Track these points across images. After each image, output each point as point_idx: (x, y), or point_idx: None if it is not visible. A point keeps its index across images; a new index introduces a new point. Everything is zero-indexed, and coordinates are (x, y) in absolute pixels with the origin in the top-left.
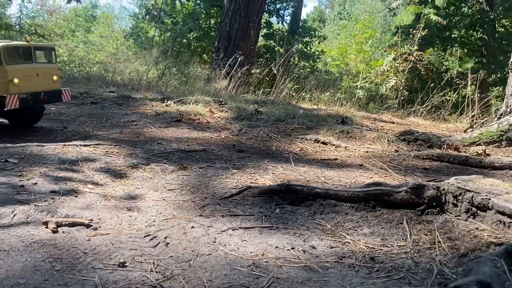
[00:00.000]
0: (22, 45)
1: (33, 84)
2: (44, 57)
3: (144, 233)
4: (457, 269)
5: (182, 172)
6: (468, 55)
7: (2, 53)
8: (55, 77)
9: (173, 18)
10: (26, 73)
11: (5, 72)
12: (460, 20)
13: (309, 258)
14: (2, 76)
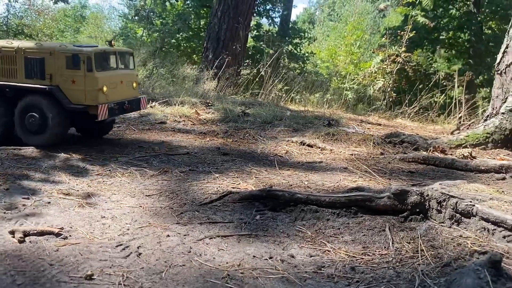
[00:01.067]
0: (109, 50)
1: (118, 93)
2: (125, 62)
3: (116, 243)
4: (440, 279)
5: (162, 177)
6: (456, 57)
7: (93, 58)
8: (134, 84)
9: (163, 18)
10: (113, 80)
11: (95, 80)
12: (447, 22)
13: (287, 269)
14: (92, 84)
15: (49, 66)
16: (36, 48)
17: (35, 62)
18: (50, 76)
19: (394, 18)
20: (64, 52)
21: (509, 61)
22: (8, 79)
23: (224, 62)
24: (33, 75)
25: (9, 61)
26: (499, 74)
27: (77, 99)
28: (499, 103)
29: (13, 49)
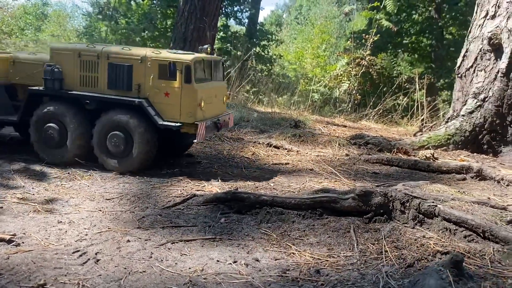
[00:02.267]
0: (206, 58)
1: (212, 108)
2: (217, 73)
3: (73, 249)
4: (403, 280)
5: (123, 180)
6: (418, 61)
7: (193, 68)
8: (225, 98)
9: (128, 18)
10: (209, 94)
11: (194, 93)
12: (410, 26)
13: (251, 273)
14: (190, 98)
15: (137, 75)
16: (123, 54)
17: (121, 70)
18: (138, 87)
19: (359, 22)
20: (157, 59)
21: (469, 65)
22: (87, 89)
23: None
24: (117, 85)
25: (90, 68)
26: (460, 78)
27: (170, 115)
28: (460, 105)
29: (96, 53)
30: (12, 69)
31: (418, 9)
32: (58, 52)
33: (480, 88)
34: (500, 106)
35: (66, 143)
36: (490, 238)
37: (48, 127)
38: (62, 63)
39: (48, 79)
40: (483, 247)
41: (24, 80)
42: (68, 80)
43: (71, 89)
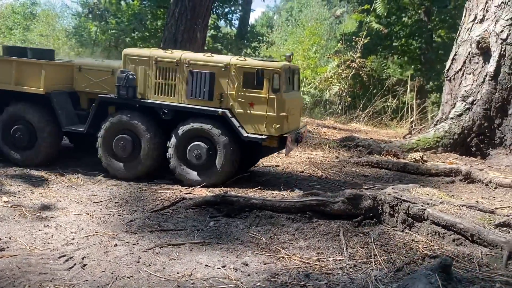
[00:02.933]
0: (292, 66)
1: (294, 121)
2: (296, 82)
3: (59, 253)
4: (392, 284)
5: (111, 183)
6: (407, 63)
7: (282, 76)
8: (301, 110)
9: (118, 18)
10: (293, 104)
11: (282, 104)
12: (400, 29)
13: (240, 277)
14: (278, 109)
15: (220, 84)
16: (205, 61)
17: (201, 78)
18: (220, 96)
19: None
20: (243, 67)
21: (458, 68)
22: (163, 98)
23: None
24: (197, 94)
25: (167, 75)
26: (449, 80)
27: (253, 127)
28: (449, 108)
29: (174, 60)
30: (77, 76)
31: (408, 12)
32: (132, 57)
33: (468, 91)
34: (488, 109)
35: (140, 155)
36: (479, 241)
37: (120, 139)
38: (136, 69)
39: (122, 86)
40: (472, 251)
41: (90, 88)
42: (142, 87)
43: (144, 97)
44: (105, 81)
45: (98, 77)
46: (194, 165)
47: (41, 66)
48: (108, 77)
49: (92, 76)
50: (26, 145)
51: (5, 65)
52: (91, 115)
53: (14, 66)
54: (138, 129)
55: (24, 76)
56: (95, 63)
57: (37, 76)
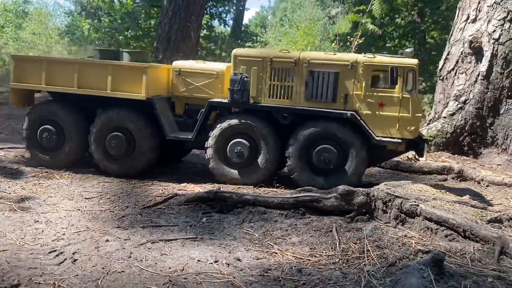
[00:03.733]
0: None
1: None
2: None
3: (49, 249)
4: (385, 279)
5: (103, 179)
6: None
7: (417, 73)
8: None
9: (111, 16)
10: None
11: (418, 104)
12: (393, 30)
13: (233, 272)
14: (414, 110)
15: (344, 84)
16: (327, 59)
17: (324, 78)
18: (345, 98)
19: (343, 25)
20: (373, 64)
21: (450, 68)
22: (277, 101)
23: None
24: (318, 96)
25: (284, 76)
26: (441, 80)
27: (384, 129)
28: (441, 107)
29: (292, 60)
30: (176, 80)
31: (401, 13)
32: (244, 59)
33: (461, 90)
34: (480, 109)
35: (257, 160)
36: (471, 237)
37: (236, 144)
38: (248, 71)
39: (236, 90)
40: (464, 246)
41: (189, 92)
42: (254, 90)
43: (256, 100)
44: (207, 85)
45: (200, 80)
46: (321, 169)
47: (143, 70)
48: (211, 80)
49: (193, 80)
50: (123, 154)
51: (100, 70)
52: (200, 121)
53: (111, 70)
54: (257, 134)
55: (122, 81)
56: (197, 65)
57: (137, 81)
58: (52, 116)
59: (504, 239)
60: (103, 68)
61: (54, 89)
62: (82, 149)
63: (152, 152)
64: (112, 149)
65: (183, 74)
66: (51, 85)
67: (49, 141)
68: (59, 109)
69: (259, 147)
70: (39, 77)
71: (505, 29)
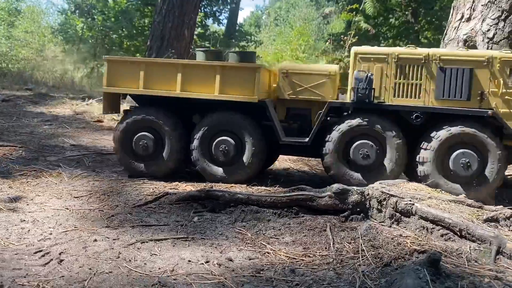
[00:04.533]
0: None
1: None
2: None
3: (35, 249)
4: (380, 280)
5: (93, 177)
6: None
7: None
8: None
9: (104, 14)
10: None
11: None
12: (387, 30)
13: (224, 273)
14: None
15: (479, 81)
16: (460, 55)
17: (456, 76)
18: (480, 96)
19: (337, 25)
20: (510, 60)
21: None
22: (403, 100)
23: None
24: (451, 94)
25: (411, 74)
26: None
27: None
28: None
29: (421, 56)
30: (283, 82)
31: (395, 13)
32: (366, 56)
33: None
34: None
35: (384, 162)
36: (467, 236)
37: (359, 146)
38: (370, 69)
39: (361, 89)
40: (460, 246)
41: (296, 94)
42: (377, 89)
43: (379, 100)
44: (318, 86)
45: (310, 82)
46: (458, 176)
47: (255, 70)
48: (323, 81)
49: (302, 81)
50: (230, 160)
51: (207, 71)
52: (317, 124)
53: (219, 71)
54: (382, 135)
55: (231, 83)
56: (305, 66)
57: (248, 82)
58: (150, 122)
59: (500, 238)
60: (210, 69)
61: (154, 93)
62: (180, 157)
63: (261, 156)
64: (220, 155)
65: (291, 76)
66: (150, 89)
67: (146, 149)
68: (157, 115)
69: (384, 149)
70: (136, 80)
71: (500, 28)
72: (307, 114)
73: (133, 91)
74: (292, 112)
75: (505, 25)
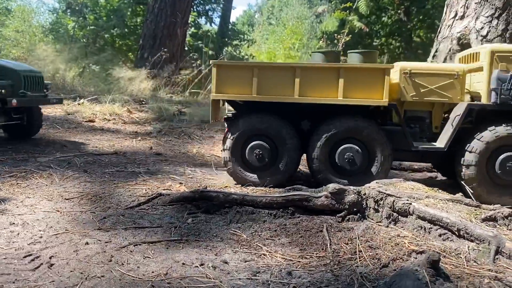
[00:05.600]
0: None
1: None
2: None
3: (24, 253)
4: (379, 281)
5: (84, 179)
6: (388, 62)
7: None
8: None
9: (96, 13)
10: None
11: None
12: (380, 28)
13: (219, 276)
14: None
15: None
16: None
17: None
18: None
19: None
20: None
21: None
22: None
23: (161, 60)
24: None
25: None
26: None
27: None
28: None
29: None
30: (405, 83)
31: (388, 12)
32: (504, 55)
33: None
34: None
35: None
36: (465, 236)
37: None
38: (509, 68)
39: (505, 90)
40: (458, 246)
41: (420, 96)
42: None
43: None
44: (444, 87)
45: (435, 83)
46: None
47: (384, 72)
48: (450, 81)
49: (427, 82)
50: (357, 170)
51: (328, 74)
52: (455, 128)
53: (342, 74)
54: None
55: (355, 86)
56: (428, 66)
57: (376, 84)
58: (263, 130)
59: (499, 238)
60: (332, 72)
61: (269, 99)
62: (296, 167)
63: (388, 165)
64: (346, 165)
65: (414, 76)
66: (265, 94)
67: (261, 159)
68: (272, 122)
69: None
70: (248, 86)
71: (493, 26)
72: (426, 117)
73: (245, 97)
74: (409, 115)
75: (498, 22)
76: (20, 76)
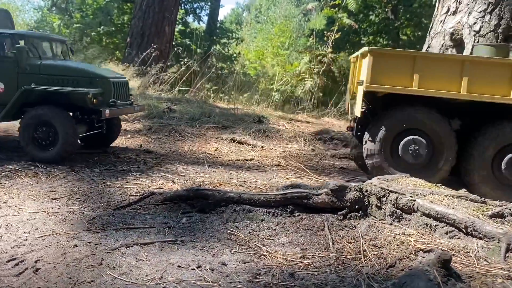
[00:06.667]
0: None
1: None
2: None
3: (8, 257)
4: (387, 282)
5: (72, 177)
6: None
7: None
8: None
9: (82, 11)
10: None
11: None
12: (367, 26)
13: (218, 279)
14: None
15: None
16: None
17: None
18: None
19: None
20: None
21: None
22: None
23: (149, 58)
24: None
25: None
26: None
27: None
28: None
29: None
30: None
31: (375, 10)
32: None
33: None
34: None
35: None
36: (473, 233)
37: None
38: None
39: None
40: (467, 244)
41: None
42: None
43: None
44: None
45: None
46: None
47: None
48: None
49: None
50: None
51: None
52: None
53: None
54: None
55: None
56: None
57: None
58: (421, 125)
59: (509, 235)
60: (506, 68)
61: (433, 94)
62: (453, 166)
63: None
64: None
65: None
66: (425, 88)
67: (417, 156)
68: (431, 117)
69: None
70: (410, 78)
71: (486, 21)
72: None
73: (404, 90)
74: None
75: (491, 18)
76: (110, 84)
